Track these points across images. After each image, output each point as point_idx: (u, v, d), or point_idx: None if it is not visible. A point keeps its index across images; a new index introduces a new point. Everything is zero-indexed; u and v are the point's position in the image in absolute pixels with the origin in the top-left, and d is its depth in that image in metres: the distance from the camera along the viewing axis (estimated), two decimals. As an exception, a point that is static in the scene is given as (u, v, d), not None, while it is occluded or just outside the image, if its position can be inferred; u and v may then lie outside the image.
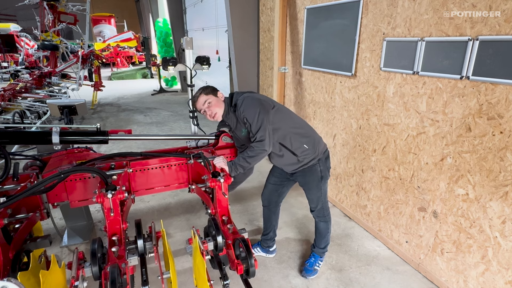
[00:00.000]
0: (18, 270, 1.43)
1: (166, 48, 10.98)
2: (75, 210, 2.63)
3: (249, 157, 1.90)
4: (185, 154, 2.10)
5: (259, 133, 1.87)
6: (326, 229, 2.31)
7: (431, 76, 2.04)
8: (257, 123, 1.86)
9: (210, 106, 1.96)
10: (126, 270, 1.38)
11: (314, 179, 2.11)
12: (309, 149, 2.01)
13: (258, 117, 1.86)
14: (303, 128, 2.05)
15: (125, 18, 21.85)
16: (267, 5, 4.16)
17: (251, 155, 1.89)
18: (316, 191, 2.16)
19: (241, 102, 1.92)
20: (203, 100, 1.98)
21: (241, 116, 1.93)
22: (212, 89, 2.03)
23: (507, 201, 1.72)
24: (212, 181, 1.73)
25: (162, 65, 3.17)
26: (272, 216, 2.43)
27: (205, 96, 1.98)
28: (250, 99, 1.92)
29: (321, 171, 2.10)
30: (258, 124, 1.86)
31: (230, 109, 2.00)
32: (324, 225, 2.30)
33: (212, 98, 1.98)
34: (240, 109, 1.92)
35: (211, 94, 2.00)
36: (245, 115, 1.89)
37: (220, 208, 1.79)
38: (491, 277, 1.87)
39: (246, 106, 1.90)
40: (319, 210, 2.24)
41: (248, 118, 1.89)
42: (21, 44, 12.26)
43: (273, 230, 2.48)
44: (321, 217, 2.28)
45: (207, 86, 2.04)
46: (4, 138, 1.84)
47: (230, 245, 1.62)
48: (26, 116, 5.28)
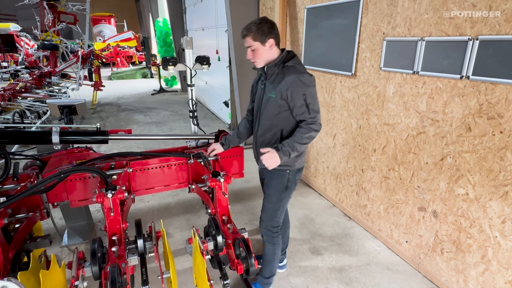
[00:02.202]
0: (18, 270, 1.43)
1: (166, 48, 10.97)
2: (75, 210, 2.62)
3: (307, 138, 1.70)
4: (185, 154, 2.10)
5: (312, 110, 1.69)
6: (272, 254, 2.01)
7: (431, 76, 2.04)
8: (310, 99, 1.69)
9: (254, 53, 1.76)
10: (126, 269, 1.38)
11: (277, 185, 1.90)
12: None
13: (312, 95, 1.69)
14: None
15: (125, 17, 21.85)
16: (267, 5, 4.16)
17: (308, 135, 1.70)
18: (275, 201, 1.93)
19: (294, 71, 1.71)
20: (248, 43, 1.75)
21: (286, 83, 1.70)
22: (263, 31, 1.70)
23: (507, 201, 1.72)
24: (212, 181, 1.73)
25: (162, 65, 3.16)
26: (281, 225, 2.25)
27: (251, 41, 1.72)
28: (307, 77, 1.71)
29: (288, 180, 1.91)
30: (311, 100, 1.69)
31: (278, 64, 1.76)
32: (270, 248, 2.00)
33: (258, 46, 1.72)
34: (289, 77, 1.70)
35: (258, 40, 1.71)
36: (304, 92, 1.67)
37: (220, 208, 1.79)
38: (491, 277, 1.87)
39: (303, 81, 1.68)
40: (268, 225, 1.98)
41: (296, 96, 1.68)
42: (21, 44, 12.28)
43: (282, 242, 2.24)
44: (268, 236, 1.99)
45: (259, 24, 1.70)
46: (4, 138, 1.84)
47: (230, 244, 1.62)
48: (26, 116, 5.28)
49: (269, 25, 1.72)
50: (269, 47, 1.74)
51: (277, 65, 1.76)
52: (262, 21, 1.71)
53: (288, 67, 1.75)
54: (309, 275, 2.36)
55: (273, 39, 1.74)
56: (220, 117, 6.97)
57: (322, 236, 2.82)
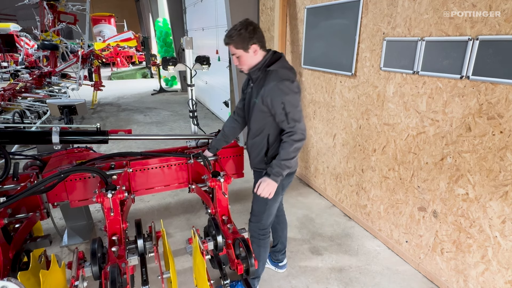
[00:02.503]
0: (18, 270, 1.43)
1: (166, 48, 10.97)
2: (75, 210, 2.62)
3: (292, 152, 1.66)
4: (185, 154, 2.10)
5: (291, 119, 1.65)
6: (257, 255, 1.97)
7: (431, 76, 2.04)
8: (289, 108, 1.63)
9: (239, 60, 1.74)
10: (126, 269, 1.38)
11: None
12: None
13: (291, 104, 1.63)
14: None
15: (125, 17, 21.85)
16: (267, 5, 4.16)
17: (292, 148, 1.66)
18: (262, 204, 1.90)
19: (275, 77, 1.66)
20: (232, 51, 1.72)
21: (265, 90, 1.67)
22: (244, 38, 1.64)
23: (507, 201, 1.72)
24: (212, 181, 1.73)
25: (162, 65, 3.16)
26: (277, 226, 2.28)
27: (234, 49, 1.69)
28: (287, 84, 1.64)
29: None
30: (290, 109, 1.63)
31: (261, 69, 1.72)
32: (255, 249, 1.97)
33: (241, 53, 1.69)
34: (268, 84, 1.66)
35: (241, 48, 1.67)
36: (283, 100, 1.62)
37: (220, 208, 1.79)
38: (491, 277, 1.87)
39: (281, 89, 1.62)
40: (255, 227, 1.97)
41: (275, 104, 1.64)
42: (21, 44, 12.28)
43: (280, 242, 2.31)
44: (254, 238, 1.98)
45: (240, 31, 1.64)
46: (4, 138, 1.84)
47: (230, 244, 1.62)
48: (26, 116, 5.28)
49: (250, 30, 1.64)
50: (253, 53, 1.70)
51: (260, 69, 1.72)
52: (243, 27, 1.64)
53: (270, 72, 1.70)
54: (309, 275, 2.36)
55: (256, 44, 1.68)
56: (220, 117, 6.97)
57: (322, 236, 2.83)
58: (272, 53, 1.74)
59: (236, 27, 1.66)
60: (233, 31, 1.66)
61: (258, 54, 1.72)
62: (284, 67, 1.73)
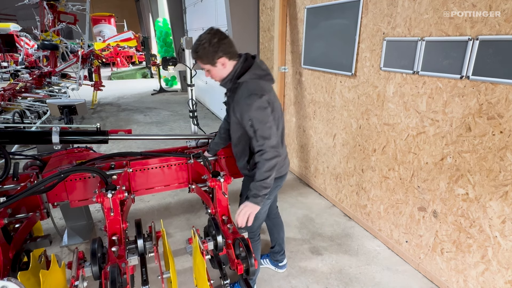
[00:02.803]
0: (18, 269, 1.43)
1: (166, 47, 10.97)
2: (75, 210, 2.63)
3: (265, 172, 1.59)
4: (185, 154, 2.10)
5: (260, 136, 1.58)
6: (255, 251, 1.95)
7: (431, 76, 2.04)
8: (258, 124, 1.56)
9: (209, 74, 1.68)
10: (126, 269, 1.38)
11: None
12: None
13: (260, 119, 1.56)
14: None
15: (125, 17, 21.86)
16: (267, 5, 4.16)
17: (265, 167, 1.59)
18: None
19: (244, 92, 1.60)
20: (201, 65, 1.66)
21: (235, 104, 1.65)
22: (208, 53, 1.56)
23: (507, 201, 1.72)
24: (212, 181, 1.73)
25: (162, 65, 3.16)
26: (273, 228, 2.29)
27: (202, 64, 1.64)
28: (255, 98, 1.56)
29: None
30: (259, 125, 1.56)
31: (232, 80, 1.66)
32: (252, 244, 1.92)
33: (209, 67, 1.63)
34: (237, 99, 1.62)
35: (208, 63, 1.60)
36: (250, 117, 1.57)
37: (220, 208, 1.79)
38: (491, 277, 1.87)
39: (248, 103, 1.56)
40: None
41: (243, 118, 1.60)
42: (21, 44, 12.28)
43: (278, 244, 2.31)
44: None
45: (204, 45, 1.55)
46: (4, 138, 1.84)
47: (230, 244, 1.62)
48: (26, 116, 5.28)
49: (214, 43, 1.54)
50: (221, 66, 1.61)
51: (232, 81, 1.66)
52: (206, 41, 1.54)
53: (240, 84, 1.63)
54: (309, 275, 2.36)
55: (223, 56, 1.58)
56: (220, 117, 6.97)
57: (322, 236, 2.83)
58: (242, 61, 1.65)
59: (200, 40, 1.56)
60: (198, 45, 1.57)
61: (228, 66, 1.63)
62: (256, 76, 1.64)
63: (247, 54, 1.70)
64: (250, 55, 1.71)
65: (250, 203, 1.64)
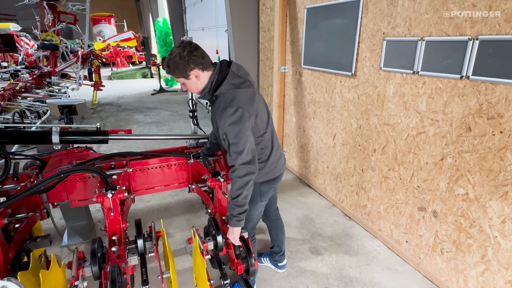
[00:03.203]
0: (18, 269, 1.43)
1: (166, 47, 10.97)
2: (75, 210, 2.63)
3: (237, 190, 1.53)
4: (185, 154, 2.10)
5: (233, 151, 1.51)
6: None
7: (431, 76, 2.04)
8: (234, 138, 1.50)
9: (185, 87, 1.64)
10: (126, 269, 1.38)
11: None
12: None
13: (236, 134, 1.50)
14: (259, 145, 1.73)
15: (125, 17, 21.86)
16: (267, 5, 4.16)
17: (236, 185, 1.53)
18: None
19: (220, 105, 1.55)
20: (175, 80, 1.62)
21: (213, 116, 1.63)
22: (179, 67, 1.52)
23: (507, 201, 1.72)
24: (212, 181, 1.73)
25: (162, 65, 3.17)
26: (272, 229, 2.29)
27: (176, 78, 1.60)
28: (230, 113, 1.50)
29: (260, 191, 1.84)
30: (234, 139, 1.50)
31: (209, 92, 1.61)
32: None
33: (183, 81, 1.59)
34: (214, 112, 1.59)
35: (181, 77, 1.56)
36: (225, 131, 1.52)
37: (220, 208, 1.79)
38: (491, 277, 1.87)
39: (223, 115, 1.51)
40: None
41: (220, 130, 1.56)
42: (21, 44, 12.27)
43: (277, 245, 2.30)
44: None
45: (174, 59, 1.51)
46: (4, 138, 1.84)
47: (230, 244, 1.62)
48: (26, 115, 5.28)
49: (184, 56, 1.49)
50: (195, 78, 1.56)
51: (209, 93, 1.62)
52: (176, 54, 1.50)
53: (217, 97, 1.60)
54: (309, 275, 2.36)
55: (195, 69, 1.53)
56: (220, 117, 6.96)
57: (322, 236, 2.83)
58: (217, 71, 1.59)
59: (171, 54, 1.52)
60: (169, 60, 1.53)
61: (202, 77, 1.57)
62: (232, 86, 1.58)
63: (222, 62, 1.64)
64: (226, 62, 1.65)
65: (230, 227, 1.59)
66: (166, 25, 10.69)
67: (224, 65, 1.63)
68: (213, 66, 1.61)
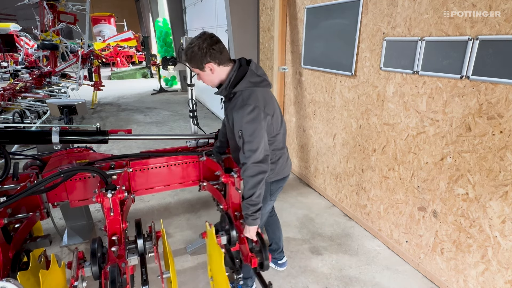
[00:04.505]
0: (18, 269, 1.43)
1: (166, 47, 10.96)
2: (75, 210, 2.62)
3: (249, 189, 1.55)
4: (197, 152, 2.12)
5: (247, 147, 1.53)
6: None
7: (431, 76, 2.04)
8: (248, 136, 1.52)
9: (199, 77, 1.66)
10: (126, 269, 1.38)
11: None
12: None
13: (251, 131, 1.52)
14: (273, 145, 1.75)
15: (125, 17, 21.86)
16: (267, 5, 4.16)
17: (249, 185, 1.55)
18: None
19: (238, 102, 1.57)
20: (191, 69, 1.65)
21: (228, 113, 1.64)
22: (195, 58, 1.54)
23: (507, 201, 1.72)
24: (225, 177, 1.74)
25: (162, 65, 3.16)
26: (268, 226, 2.28)
27: (191, 68, 1.63)
28: (247, 111, 1.52)
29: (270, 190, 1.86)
30: (249, 137, 1.51)
31: (227, 89, 1.62)
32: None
33: (198, 71, 1.61)
34: (231, 109, 1.59)
35: (196, 67, 1.58)
36: (240, 128, 1.54)
37: (233, 204, 1.80)
38: (491, 277, 1.87)
39: (241, 114, 1.52)
40: None
41: (236, 126, 1.57)
42: (20, 43, 12.26)
43: (274, 242, 2.31)
44: None
45: (192, 49, 1.53)
46: (4, 137, 1.83)
47: (243, 239, 1.62)
48: (26, 115, 5.28)
49: (203, 48, 1.51)
50: (210, 71, 1.58)
51: (227, 89, 1.62)
52: (196, 45, 1.52)
53: (235, 94, 1.60)
54: (309, 275, 2.36)
55: (211, 62, 1.54)
56: (220, 117, 6.97)
57: (322, 236, 2.83)
58: (237, 68, 1.60)
59: (191, 43, 1.55)
60: (188, 48, 1.55)
61: (217, 72, 1.59)
62: (251, 84, 1.59)
63: (241, 59, 1.66)
64: (245, 60, 1.66)
65: (247, 226, 1.61)
66: (166, 25, 10.68)
67: (243, 63, 1.64)
68: (231, 62, 1.62)
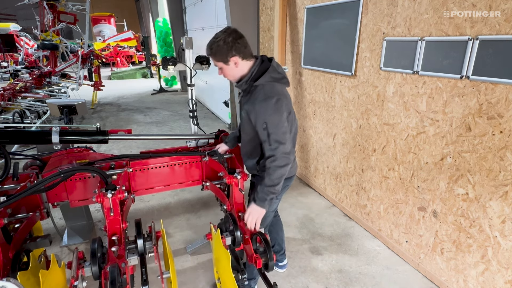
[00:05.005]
0: (18, 269, 1.43)
1: (166, 47, 10.96)
2: (75, 210, 2.62)
3: (276, 178, 1.58)
4: (200, 152, 2.12)
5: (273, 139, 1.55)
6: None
7: (431, 76, 2.04)
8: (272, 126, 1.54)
9: (222, 72, 1.69)
10: (126, 269, 1.38)
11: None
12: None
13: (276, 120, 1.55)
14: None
15: (125, 17, 21.86)
16: (267, 5, 4.16)
17: (277, 174, 1.57)
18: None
19: (260, 95, 1.59)
20: (214, 62, 1.67)
21: (250, 107, 1.64)
22: (221, 51, 1.57)
23: (507, 201, 1.72)
24: (229, 178, 1.74)
25: (162, 65, 3.16)
26: (272, 227, 2.25)
27: (215, 61, 1.65)
28: (272, 103, 1.55)
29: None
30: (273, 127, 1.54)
31: (248, 82, 1.64)
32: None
33: (222, 65, 1.64)
34: (253, 101, 1.60)
35: (220, 61, 1.61)
36: (265, 120, 1.55)
37: (236, 204, 1.80)
38: (491, 277, 1.87)
39: (264, 105, 1.55)
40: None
41: (258, 120, 1.59)
42: (20, 43, 12.26)
43: (277, 243, 2.29)
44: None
45: (218, 42, 1.56)
46: (4, 137, 1.84)
47: (247, 240, 1.62)
48: (26, 115, 5.27)
49: (229, 41, 1.55)
50: (234, 65, 1.61)
51: (247, 83, 1.65)
52: (221, 39, 1.55)
53: (256, 87, 1.63)
54: (309, 275, 2.36)
55: (236, 56, 1.58)
56: (220, 117, 6.97)
57: (322, 236, 2.83)
58: (259, 63, 1.65)
59: (216, 37, 1.58)
60: (212, 42, 1.59)
61: (241, 66, 1.63)
62: (272, 79, 1.63)
63: (263, 56, 1.70)
64: (267, 57, 1.70)
65: (257, 207, 1.63)
66: (166, 25, 10.68)
67: (265, 59, 1.69)
68: (253, 58, 1.67)
